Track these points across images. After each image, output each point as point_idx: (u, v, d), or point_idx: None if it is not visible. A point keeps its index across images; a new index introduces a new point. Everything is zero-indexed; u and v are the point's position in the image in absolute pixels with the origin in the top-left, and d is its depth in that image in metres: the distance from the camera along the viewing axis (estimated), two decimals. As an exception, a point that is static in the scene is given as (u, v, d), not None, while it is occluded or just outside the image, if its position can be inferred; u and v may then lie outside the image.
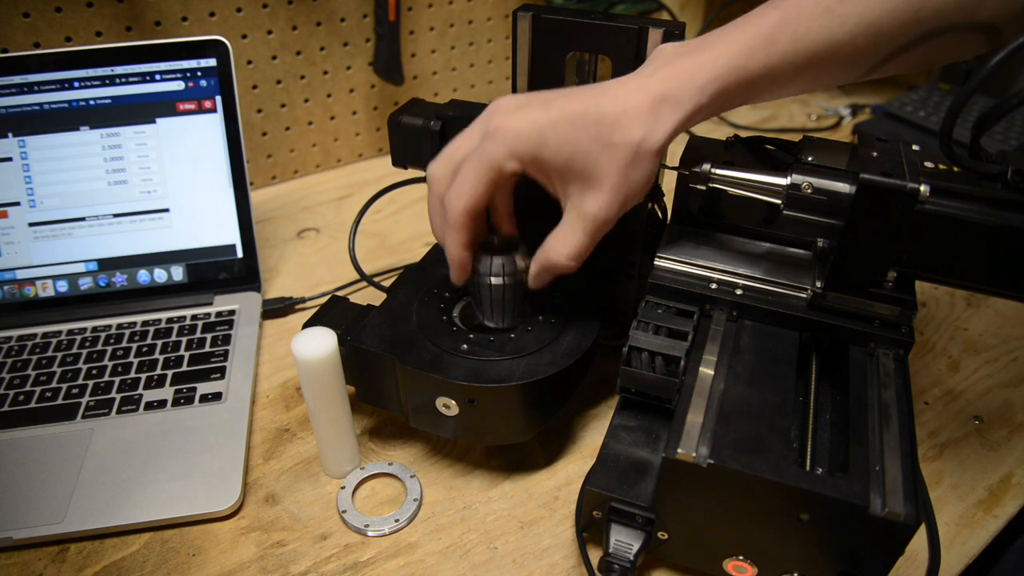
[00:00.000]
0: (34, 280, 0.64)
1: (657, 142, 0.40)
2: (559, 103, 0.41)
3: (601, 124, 0.40)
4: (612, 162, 0.40)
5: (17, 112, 0.61)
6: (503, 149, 0.41)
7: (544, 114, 0.40)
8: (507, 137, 0.41)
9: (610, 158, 0.40)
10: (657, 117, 0.40)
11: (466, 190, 0.42)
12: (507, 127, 0.41)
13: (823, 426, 0.44)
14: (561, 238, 0.43)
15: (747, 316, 0.47)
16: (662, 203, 0.55)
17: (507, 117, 0.41)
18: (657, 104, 0.40)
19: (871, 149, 0.42)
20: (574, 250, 0.43)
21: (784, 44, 0.39)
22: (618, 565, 0.42)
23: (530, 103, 0.41)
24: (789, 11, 0.39)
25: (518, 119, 0.41)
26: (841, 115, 1.02)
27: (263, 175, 0.87)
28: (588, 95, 0.41)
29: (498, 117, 0.41)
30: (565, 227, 0.43)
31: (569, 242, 0.43)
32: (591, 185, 0.41)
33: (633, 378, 0.45)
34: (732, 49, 0.40)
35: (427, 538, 0.48)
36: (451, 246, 0.45)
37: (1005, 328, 0.66)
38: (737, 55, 0.39)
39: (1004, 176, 0.39)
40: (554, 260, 0.44)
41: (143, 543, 0.47)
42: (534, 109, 0.41)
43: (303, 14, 0.79)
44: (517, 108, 0.41)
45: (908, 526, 0.35)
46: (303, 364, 0.45)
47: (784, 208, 0.44)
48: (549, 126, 0.40)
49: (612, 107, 0.40)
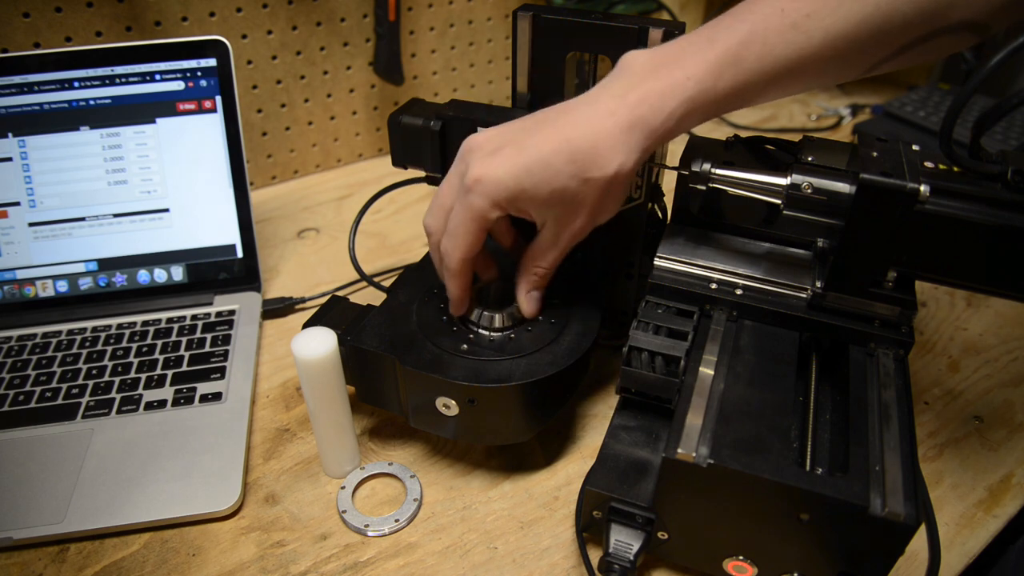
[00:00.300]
0: (34, 280, 0.64)
1: (628, 171, 0.42)
2: (532, 143, 0.41)
3: (575, 163, 0.41)
4: (588, 194, 0.42)
5: (17, 112, 0.61)
6: (485, 202, 0.42)
7: (519, 158, 0.41)
8: (487, 188, 0.42)
9: (586, 192, 0.42)
10: (629, 148, 0.41)
11: (458, 243, 0.45)
12: (486, 178, 0.42)
13: (823, 426, 0.44)
14: (540, 252, 0.47)
15: (747, 316, 0.47)
16: (662, 203, 0.55)
17: (484, 165, 0.42)
18: (628, 134, 0.41)
19: (871, 149, 0.42)
20: (552, 263, 0.47)
21: (752, 61, 0.40)
22: (618, 565, 0.42)
23: (504, 145, 0.42)
24: (756, 25, 0.39)
25: (495, 168, 0.42)
26: (841, 115, 1.02)
27: (263, 175, 0.87)
28: (560, 129, 0.41)
29: (475, 166, 0.42)
30: (543, 243, 0.46)
31: (548, 256, 0.46)
32: (568, 212, 0.43)
33: (633, 378, 0.45)
34: (700, 69, 0.40)
35: (427, 538, 0.48)
36: (452, 288, 0.48)
37: (1005, 328, 0.66)
38: (706, 76, 0.40)
39: (1004, 176, 0.39)
40: (533, 271, 0.47)
41: (143, 543, 0.47)
42: (508, 153, 0.42)
43: (303, 14, 0.79)
44: (492, 153, 0.42)
45: (908, 526, 0.35)
46: (303, 364, 0.45)
47: (784, 208, 0.44)
48: (525, 173, 0.41)
49: (584, 142, 0.41)
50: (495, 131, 0.44)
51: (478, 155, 0.43)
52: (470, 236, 0.44)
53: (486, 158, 0.42)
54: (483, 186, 0.42)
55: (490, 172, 0.42)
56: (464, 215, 0.43)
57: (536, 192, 0.42)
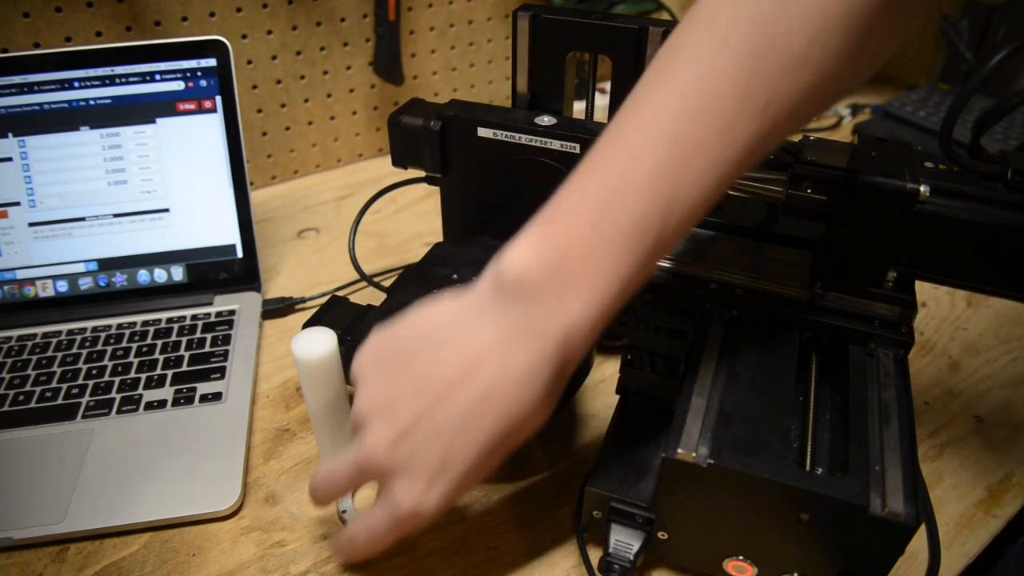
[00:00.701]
0: (34, 280, 0.64)
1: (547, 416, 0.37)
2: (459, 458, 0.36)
3: (507, 446, 0.37)
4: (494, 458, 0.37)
5: (17, 112, 0.61)
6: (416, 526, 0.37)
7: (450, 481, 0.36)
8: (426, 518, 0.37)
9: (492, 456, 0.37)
10: (550, 397, 0.36)
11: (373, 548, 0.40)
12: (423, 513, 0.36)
13: (823, 426, 0.44)
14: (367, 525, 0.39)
15: (747, 316, 0.47)
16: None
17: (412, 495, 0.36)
18: (551, 388, 0.36)
19: (871, 149, 0.42)
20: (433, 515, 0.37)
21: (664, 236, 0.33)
22: (618, 565, 0.42)
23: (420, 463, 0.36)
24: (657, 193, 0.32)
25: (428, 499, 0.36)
26: (841, 115, 1.02)
27: (263, 175, 0.87)
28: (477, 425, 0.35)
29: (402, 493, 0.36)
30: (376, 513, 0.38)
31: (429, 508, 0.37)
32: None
33: (633, 378, 0.45)
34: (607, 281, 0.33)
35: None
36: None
37: (1005, 328, 0.66)
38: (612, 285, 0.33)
39: (1004, 176, 0.39)
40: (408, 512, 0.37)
41: (143, 543, 0.47)
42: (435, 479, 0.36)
43: (303, 14, 0.79)
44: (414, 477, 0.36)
45: (908, 526, 0.35)
46: (303, 364, 0.45)
47: (784, 208, 0.44)
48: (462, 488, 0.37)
49: (514, 423, 0.36)
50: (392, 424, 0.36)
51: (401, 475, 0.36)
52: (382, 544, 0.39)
53: (410, 483, 0.36)
54: (422, 519, 0.37)
55: (426, 503, 0.36)
56: (391, 533, 0.38)
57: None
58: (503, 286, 0.35)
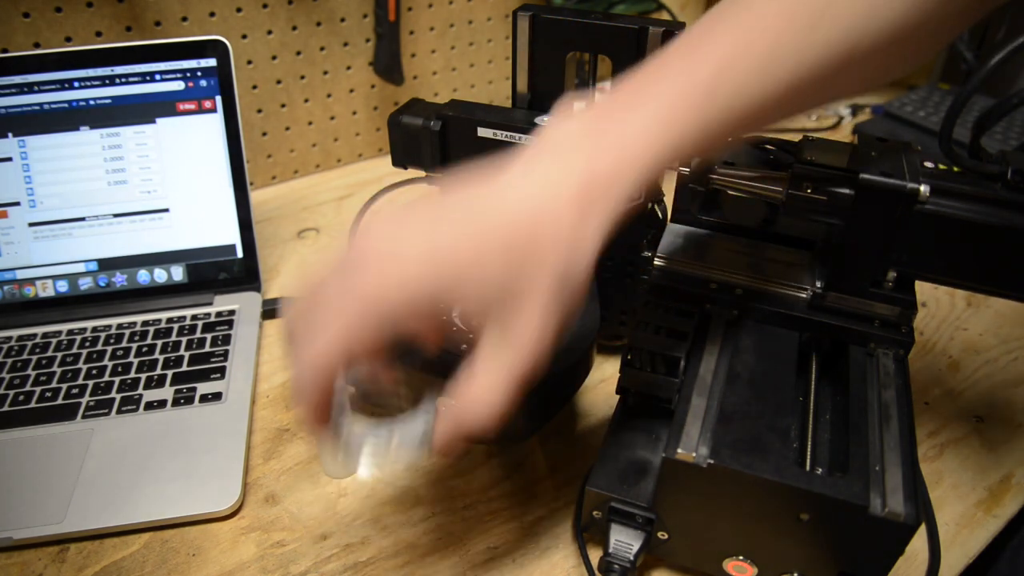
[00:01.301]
0: (34, 280, 0.64)
1: (586, 265, 0.32)
2: (451, 231, 0.31)
3: (511, 252, 0.30)
4: (531, 292, 0.31)
5: (17, 112, 0.61)
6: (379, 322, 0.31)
7: (435, 253, 0.31)
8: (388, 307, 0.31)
9: (530, 283, 0.31)
10: (579, 233, 0.31)
11: (326, 343, 0.32)
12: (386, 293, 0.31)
13: (823, 426, 0.44)
14: (482, 381, 0.32)
15: (747, 316, 0.47)
16: (662, 203, 0.55)
17: (380, 276, 0.31)
18: (578, 214, 0.31)
19: (871, 149, 0.42)
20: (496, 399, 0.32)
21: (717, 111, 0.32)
22: (618, 565, 0.42)
23: (413, 235, 0.31)
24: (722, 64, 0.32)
25: (398, 279, 0.31)
26: (841, 115, 1.02)
27: (263, 175, 0.87)
28: (487, 210, 0.31)
29: (370, 275, 0.31)
30: (483, 365, 0.32)
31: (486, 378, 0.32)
32: (514, 310, 0.31)
33: (633, 378, 0.45)
34: (663, 125, 0.32)
35: (427, 538, 0.48)
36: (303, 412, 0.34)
37: (1005, 328, 0.66)
38: (668, 133, 0.32)
39: (1004, 176, 0.39)
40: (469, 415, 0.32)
41: (143, 543, 0.47)
42: (419, 245, 0.31)
43: (303, 14, 0.79)
44: (394, 259, 0.31)
45: (908, 526, 0.35)
46: (303, 364, 0.45)
47: (784, 208, 0.44)
48: (448, 275, 0.31)
49: (521, 227, 0.30)
50: (398, 217, 0.33)
51: (376, 248, 0.32)
52: (343, 341, 0.31)
53: (387, 264, 0.31)
54: (383, 303, 0.31)
55: (391, 284, 0.31)
56: (346, 314, 0.31)
57: (461, 292, 0.31)
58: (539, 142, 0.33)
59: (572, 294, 0.32)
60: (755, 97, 0.33)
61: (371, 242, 0.32)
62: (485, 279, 0.31)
